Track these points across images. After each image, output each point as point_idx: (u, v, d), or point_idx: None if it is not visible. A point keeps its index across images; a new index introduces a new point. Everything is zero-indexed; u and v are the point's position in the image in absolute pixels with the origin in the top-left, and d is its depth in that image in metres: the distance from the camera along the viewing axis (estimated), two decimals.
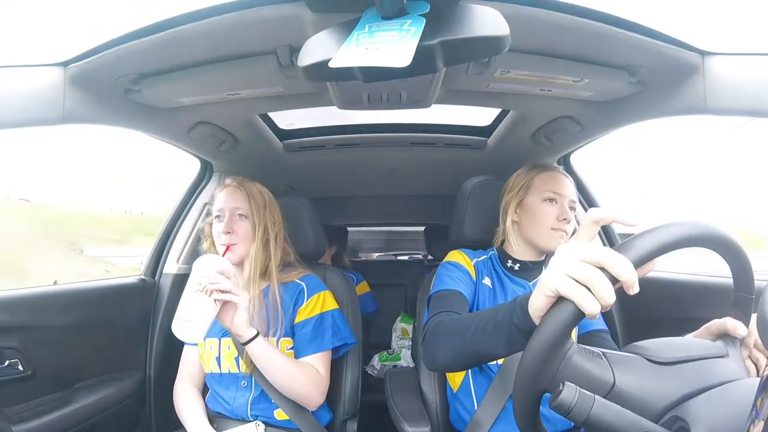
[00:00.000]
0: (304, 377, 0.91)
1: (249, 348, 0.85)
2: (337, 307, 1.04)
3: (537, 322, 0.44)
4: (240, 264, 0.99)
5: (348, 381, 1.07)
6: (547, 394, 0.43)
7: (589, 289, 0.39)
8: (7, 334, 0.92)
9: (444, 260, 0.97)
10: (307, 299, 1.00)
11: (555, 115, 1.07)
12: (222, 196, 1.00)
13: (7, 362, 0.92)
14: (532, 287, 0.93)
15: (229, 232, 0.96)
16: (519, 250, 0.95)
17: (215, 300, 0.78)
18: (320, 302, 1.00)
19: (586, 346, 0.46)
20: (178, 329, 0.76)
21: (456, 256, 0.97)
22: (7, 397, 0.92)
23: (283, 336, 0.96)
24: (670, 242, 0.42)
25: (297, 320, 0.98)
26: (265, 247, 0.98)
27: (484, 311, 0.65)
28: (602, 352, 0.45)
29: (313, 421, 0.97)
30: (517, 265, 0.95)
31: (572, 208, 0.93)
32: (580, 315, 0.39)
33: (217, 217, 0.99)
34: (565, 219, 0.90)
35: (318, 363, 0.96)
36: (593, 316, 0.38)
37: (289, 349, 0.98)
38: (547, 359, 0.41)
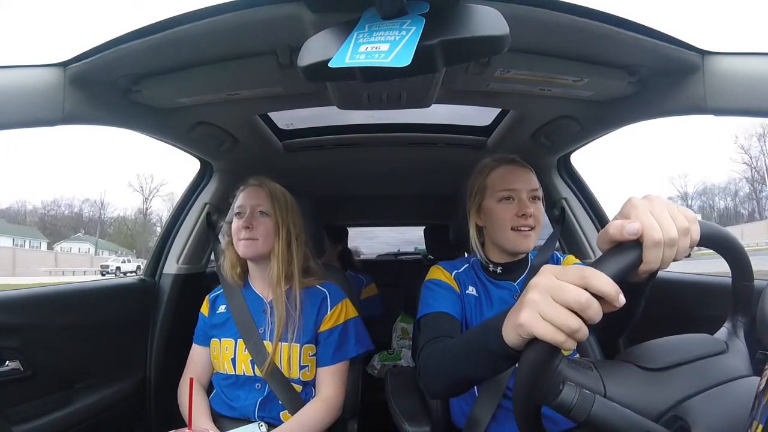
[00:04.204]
0: (323, 421, 0.94)
1: None
2: (357, 314, 1.05)
3: (515, 348, 0.45)
4: (257, 260, 1.00)
5: (348, 381, 1.07)
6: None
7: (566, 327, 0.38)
8: (7, 334, 0.92)
9: (426, 279, 0.94)
10: (331, 308, 1.00)
11: (555, 114, 1.07)
12: (244, 195, 1.01)
13: (7, 362, 0.91)
14: (518, 287, 0.91)
15: (248, 227, 0.95)
16: (495, 254, 0.92)
17: None
18: (344, 311, 1.02)
19: (577, 359, 0.46)
20: None
21: (436, 273, 0.93)
22: (7, 397, 0.92)
23: (307, 343, 0.97)
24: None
25: (322, 329, 0.99)
26: (288, 247, 0.98)
27: (465, 336, 0.65)
28: (593, 364, 0.45)
29: None
30: (499, 268, 0.91)
31: (535, 198, 0.88)
32: (557, 350, 0.40)
33: (238, 214, 1.00)
34: (524, 215, 0.84)
35: (338, 372, 0.99)
36: (570, 350, 0.39)
37: (312, 355, 0.99)
38: (536, 383, 0.41)
